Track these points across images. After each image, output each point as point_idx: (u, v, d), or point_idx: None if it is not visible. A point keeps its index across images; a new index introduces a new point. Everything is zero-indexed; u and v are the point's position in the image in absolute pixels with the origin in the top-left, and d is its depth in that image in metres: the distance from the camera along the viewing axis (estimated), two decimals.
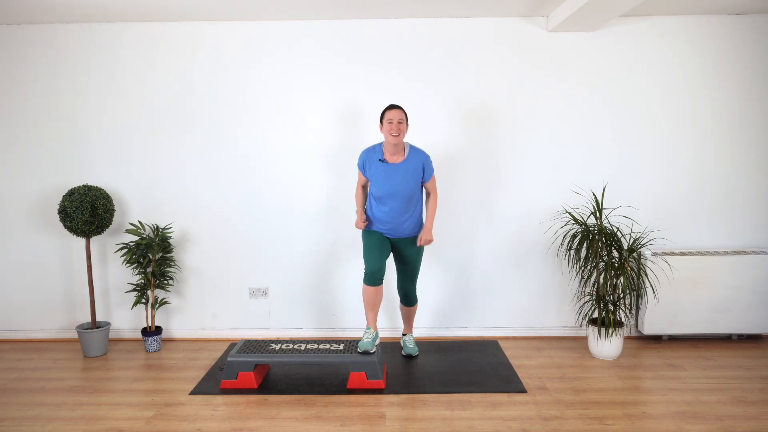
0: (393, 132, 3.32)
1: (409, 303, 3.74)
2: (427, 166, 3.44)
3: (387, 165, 3.40)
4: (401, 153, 3.42)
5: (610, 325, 3.68)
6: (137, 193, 4.19)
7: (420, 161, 3.42)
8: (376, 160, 3.43)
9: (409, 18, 4.01)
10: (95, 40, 4.07)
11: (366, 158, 3.48)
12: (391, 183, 3.39)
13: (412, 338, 3.84)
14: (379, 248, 3.46)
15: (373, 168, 3.44)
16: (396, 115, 3.33)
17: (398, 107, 3.38)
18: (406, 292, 3.69)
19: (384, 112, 3.38)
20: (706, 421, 2.88)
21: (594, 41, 4.02)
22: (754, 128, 4.06)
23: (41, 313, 4.29)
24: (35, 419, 3.00)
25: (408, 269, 3.62)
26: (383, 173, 3.40)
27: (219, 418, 2.97)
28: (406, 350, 3.79)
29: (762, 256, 3.95)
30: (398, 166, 3.40)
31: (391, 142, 3.35)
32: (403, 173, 3.39)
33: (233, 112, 4.12)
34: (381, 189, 3.41)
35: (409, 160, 3.41)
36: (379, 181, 3.41)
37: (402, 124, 3.34)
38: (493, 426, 2.85)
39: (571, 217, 3.84)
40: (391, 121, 3.32)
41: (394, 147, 3.38)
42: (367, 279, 3.43)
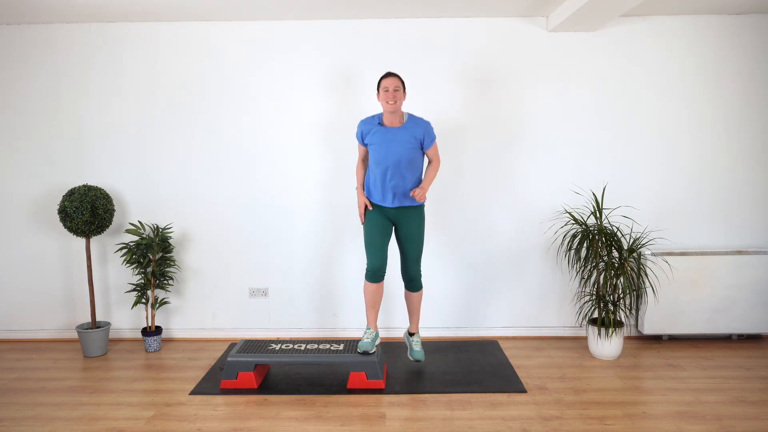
0: (389, 100, 3.28)
1: (414, 287, 3.54)
2: (427, 133, 3.37)
3: (386, 129, 3.36)
4: (399, 120, 3.38)
5: (610, 325, 3.68)
6: (137, 193, 4.19)
7: (419, 128, 3.36)
8: (375, 125, 3.39)
9: (409, 18, 4.01)
10: (95, 40, 4.07)
11: (364, 126, 3.43)
12: (389, 146, 3.33)
13: (419, 340, 3.61)
14: (381, 238, 3.41)
15: (372, 133, 3.39)
16: (392, 83, 3.29)
17: (394, 75, 3.33)
18: (411, 276, 3.53)
19: (380, 80, 3.34)
20: (706, 421, 2.88)
21: (594, 41, 4.02)
22: (754, 128, 4.06)
23: (41, 313, 4.29)
24: (35, 419, 3.00)
25: (412, 247, 3.47)
26: (382, 137, 3.35)
27: (219, 418, 2.97)
28: (412, 354, 3.55)
29: (762, 256, 3.95)
30: (397, 131, 3.35)
31: (387, 110, 3.31)
32: (402, 137, 3.33)
33: (233, 112, 4.12)
34: (380, 152, 3.34)
35: (406, 126, 3.36)
36: (378, 145, 3.35)
37: (398, 91, 3.29)
38: (493, 426, 2.85)
39: (571, 217, 3.84)
40: (387, 89, 3.28)
41: (391, 115, 3.34)
42: (369, 275, 3.41)
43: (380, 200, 3.41)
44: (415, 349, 3.57)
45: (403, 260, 3.52)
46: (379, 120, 3.39)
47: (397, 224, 3.48)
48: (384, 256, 3.41)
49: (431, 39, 4.03)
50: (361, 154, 3.54)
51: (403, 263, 3.53)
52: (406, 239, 3.47)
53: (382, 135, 3.35)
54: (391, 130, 3.35)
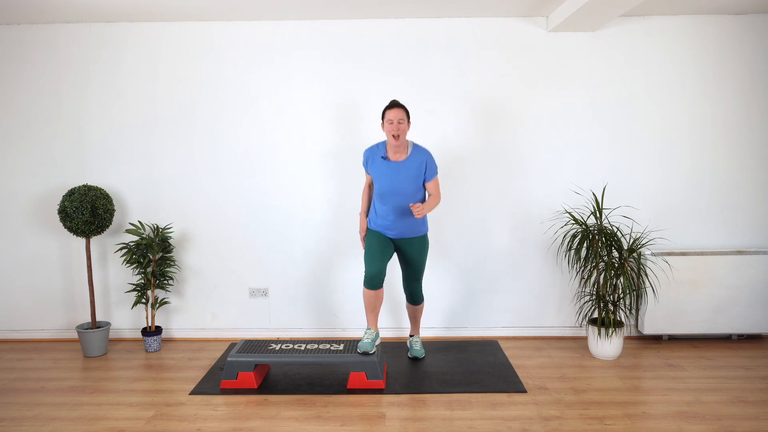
0: (393, 132, 3.30)
1: (415, 301, 3.70)
2: (429, 165, 3.39)
3: (389, 163, 3.39)
4: (404, 151, 3.40)
5: (610, 325, 3.68)
6: (137, 193, 4.19)
7: (422, 160, 3.38)
8: (378, 157, 3.41)
9: (409, 18, 4.01)
10: (95, 40, 4.07)
11: (369, 156, 3.47)
12: (392, 181, 3.37)
13: (419, 340, 3.79)
14: (381, 251, 3.42)
15: (375, 165, 3.43)
16: (396, 114, 3.30)
17: (399, 105, 3.34)
18: (411, 291, 3.66)
19: (385, 110, 3.36)
20: (706, 421, 2.88)
21: (594, 41, 4.02)
22: (754, 128, 4.06)
23: (41, 313, 4.29)
24: (35, 419, 3.00)
25: (412, 269, 3.59)
26: (385, 171, 3.39)
27: (219, 418, 2.97)
28: (412, 352, 3.74)
29: (762, 256, 3.95)
30: (400, 164, 3.37)
31: (392, 143, 3.35)
32: (405, 172, 3.37)
33: (233, 112, 4.12)
34: (383, 186, 3.40)
35: (411, 159, 3.38)
36: (381, 178, 3.40)
37: (402, 123, 3.31)
38: (493, 426, 2.85)
39: (571, 217, 3.84)
40: (391, 121, 3.30)
41: (396, 147, 3.37)
42: (367, 283, 3.40)
43: (383, 230, 3.50)
44: (414, 348, 3.74)
45: (405, 277, 3.65)
46: (383, 153, 3.41)
47: (399, 249, 3.57)
48: (382, 265, 3.40)
49: (431, 39, 4.03)
50: (368, 180, 3.61)
51: (405, 281, 3.66)
52: (409, 263, 3.59)
53: (386, 169, 3.39)
54: (395, 165, 3.38)
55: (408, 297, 3.70)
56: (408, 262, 3.58)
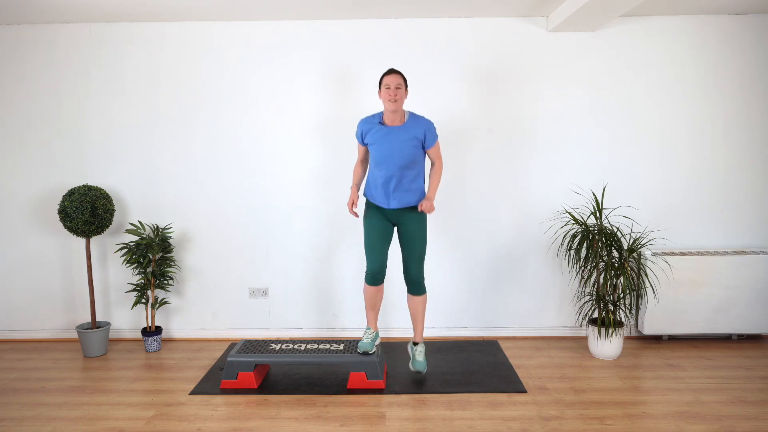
0: (390, 98, 3.24)
1: (417, 291, 3.44)
2: (428, 132, 3.32)
3: (387, 128, 3.32)
4: (401, 119, 3.34)
5: (610, 325, 3.68)
6: (137, 193, 4.19)
7: (421, 126, 3.31)
8: (375, 124, 3.34)
9: (409, 18, 4.01)
10: (95, 40, 4.07)
11: (363, 125, 3.39)
12: (390, 146, 3.29)
13: (423, 350, 3.47)
14: (381, 242, 3.38)
15: (372, 132, 3.35)
16: (394, 80, 3.25)
17: (396, 72, 3.29)
18: (413, 278, 3.45)
19: (382, 77, 3.30)
20: (706, 421, 2.88)
21: (594, 41, 4.02)
22: (754, 128, 4.06)
23: (41, 313, 4.29)
24: (35, 419, 3.00)
25: (413, 249, 3.40)
26: (382, 136, 3.31)
27: (219, 418, 2.97)
28: (414, 365, 3.42)
29: (762, 256, 3.95)
30: (398, 129, 3.31)
31: (389, 108, 3.27)
32: (403, 136, 3.29)
33: (233, 112, 4.12)
34: (380, 152, 3.30)
35: (408, 124, 3.32)
36: (378, 144, 3.31)
37: (400, 89, 3.25)
38: (493, 426, 2.85)
39: (571, 217, 3.84)
40: (388, 87, 3.24)
41: (393, 113, 3.30)
42: (369, 279, 3.39)
43: (381, 201, 3.37)
44: (417, 359, 3.44)
45: (405, 262, 3.44)
46: (379, 119, 3.35)
47: (398, 225, 3.43)
48: (383, 259, 3.38)
49: (431, 39, 4.03)
50: (361, 154, 3.50)
51: (405, 265, 3.45)
52: (408, 240, 3.40)
53: (383, 134, 3.31)
54: (392, 130, 3.30)
55: (409, 287, 3.48)
56: (408, 239, 3.40)
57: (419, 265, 3.42)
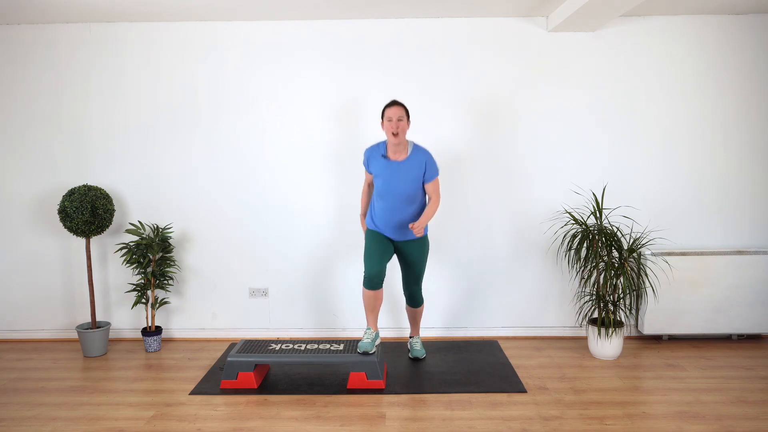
0: (392, 130, 3.29)
1: (414, 304, 3.69)
2: (429, 166, 3.37)
3: (389, 162, 3.37)
4: (404, 151, 3.39)
5: (610, 325, 3.68)
6: (137, 193, 4.19)
7: (422, 160, 3.36)
8: (379, 156, 3.40)
9: (409, 18, 4.01)
10: (95, 40, 4.07)
11: (369, 155, 3.46)
12: (392, 181, 3.35)
13: (419, 341, 3.79)
14: (380, 251, 3.41)
15: (375, 164, 3.42)
16: (395, 112, 3.29)
17: (398, 104, 3.33)
18: (411, 294, 3.65)
19: (384, 109, 3.35)
20: (706, 421, 2.88)
21: (594, 41, 4.02)
22: (754, 128, 4.06)
23: (41, 313, 4.29)
24: (35, 419, 3.00)
25: (412, 272, 3.58)
26: (385, 170, 3.37)
27: (219, 418, 2.97)
28: (413, 353, 3.74)
29: (762, 256, 3.95)
30: (400, 164, 3.36)
31: (391, 141, 3.34)
32: (405, 172, 3.35)
33: (234, 112, 4.12)
34: (382, 186, 3.38)
35: (411, 159, 3.36)
36: (380, 177, 3.38)
37: (402, 121, 3.30)
38: (493, 426, 2.85)
39: (571, 217, 3.84)
40: (390, 119, 3.29)
41: (395, 146, 3.36)
42: (367, 283, 3.40)
43: (383, 231, 3.49)
44: (415, 348, 3.74)
45: (405, 279, 3.64)
46: (383, 151, 3.41)
47: (399, 250, 3.56)
48: (382, 265, 3.40)
49: (431, 39, 4.03)
50: (368, 180, 3.61)
51: (404, 282, 3.66)
52: (409, 264, 3.58)
53: (386, 168, 3.37)
54: (395, 165, 3.36)
55: (407, 300, 3.70)
56: (407, 264, 3.56)
57: (417, 285, 3.64)
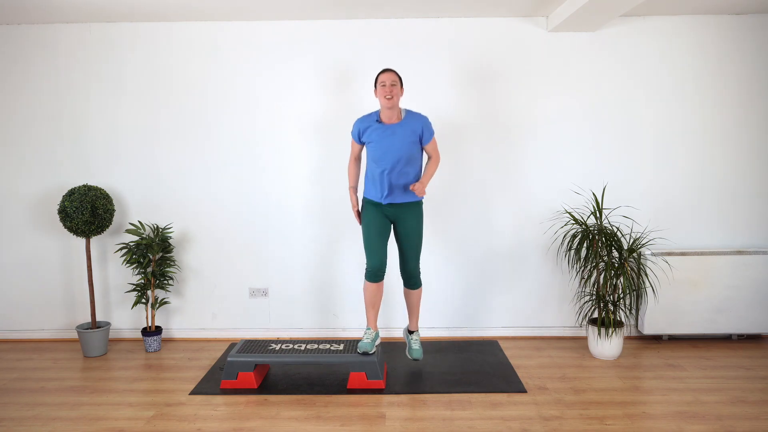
0: (386, 95, 3.27)
1: (413, 285, 3.51)
2: (425, 128, 3.36)
3: (384, 126, 3.35)
4: (397, 116, 3.37)
5: (610, 325, 3.68)
6: (137, 193, 4.19)
7: (418, 123, 3.35)
8: (372, 122, 3.38)
9: (409, 18, 4.01)
10: (95, 40, 4.07)
11: (360, 124, 3.42)
12: (387, 143, 3.32)
13: (418, 339, 3.61)
14: (379, 238, 3.39)
15: (370, 130, 3.38)
16: (389, 77, 3.28)
17: (391, 70, 3.33)
18: (409, 273, 3.50)
19: (377, 75, 3.34)
20: (706, 421, 2.88)
21: (594, 41, 4.02)
22: (754, 128, 4.06)
23: (41, 313, 4.29)
24: (35, 419, 3.00)
25: (410, 245, 3.45)
26: (381, 134, 3.34)
27: (219, 418, 2.97)
28: (411, 353, 3.55)
29: (762, 256, 3.95)
30: (395, 127, 3.34)
31: (385, 105, 3.30)
32: (400, 134, 3.32)
33: (233, 112, 4.12)
34: (378, 150, 3.33)
35: (405, 122, 3.35)
36: (375, 142, 3.35)
37: (395, 86, 3.29)
38: (493, 426, 2.85)
39: (571, 217, 3.84)
40: (384, 84, 3.28)
41: (389, 110, 3.33)
42: (369, 275, 3.39)
43: (379, 197, 3.40)
44: (413, 348, 3.57)
45: (402, 257, 3.50)
46: (376, 117, 3.39)
47: (395, 222, 3.47)
48: (383, 255, 3.40)
49: (431, 39, 4.03)
50: (355, 152, 3.53)
51: (401, 260, 3.51)
52: (405, 237, 3.46)
53: (381, 132, 3.34)
54: (390, 127, 3.34)
55: (405, 281, 3.55)
56: (405, 236, 3.44)
57: (416, 260, 3.50)
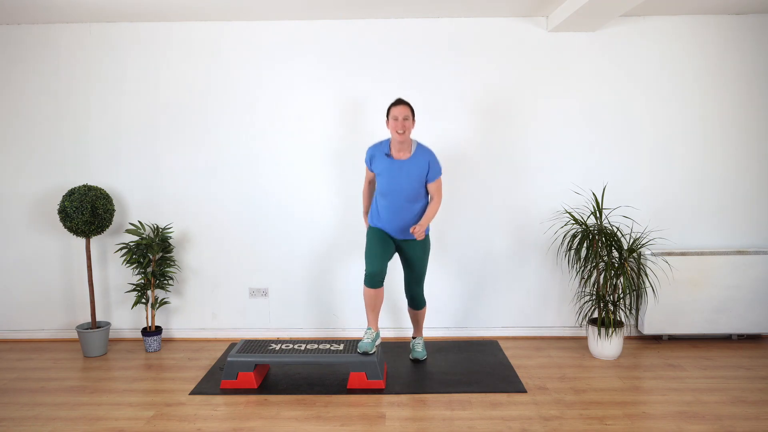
0: (398, 129, 3.28)
1: (416, 306, 3.67)
2: (432, 165, 3.37)
3: (393, 161, 3.37)
4: (407, 150, 3.39)
5: (610, 325, 3.68)
6: (137, 193, 4.19)
7: (426, 160, 3.37)
8: (382, 154, 3.40)
9: (410, 18, 4.01)
10: (95, 40, 4.07)
11: (373, 153, 3.45)
12: (395, 179, 3.35)
13: (421, 342, 3.74)
14: (382, 249, 3.41)
15: (379, 163, 3.41)
16: (401, 112, 3.29)
17: (404, 103, 3.33)
18: (413, 295, 3.63)
19: (390, 108, 3.35)
20: (706, 421, 2.88)
21: (594, 41, 4.02)
22: (754, 128, 4.06)
23: (41, 313, 4.29)
24: (35, 419, 3.00)
25: (414, 272, 3.56)
26: (388, 169, 3.37)
27: (219, 418, 2.97)
28: (414, 354, 3.70)
29: (762, 256, 3.95)
30: (403, 163, 3.36)
31: (396, 139, 3.33)
32: (408, 171, 3.35)
33: (233, 112, 4.12)
34: (385, 184, 3.38)
35: (414, 158, 3.37)
36: (383, 176, 3.38)
37: (407, 120, 3.30)
38: (493, 426, 2.85)
39: (571, 217, 3.84)
40: (396, 118, 3.29)
41: (400, 144, 3.36)
42: (368, 281, 3.39)
43: (385, 228, 3.49)
44: (416, 349, 3.71)
45: (407, 280, 3.62)
46: (386, 150, 3.41)
47: (400, 249, 3.56)
48: (383, 264, 3.39)
49: (432, 38, 4.03)
50: (368, 177, 3.59)
51: (406, 283, 3.64)
52: (410, 263, 3.56)
53: (389, 166, 3.38)
54: (399, 164, 3.36)
55: (409, 301, 3.68)
56: (409, 263, 3.55)
57: (419, 285, 3.62)
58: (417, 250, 3.52)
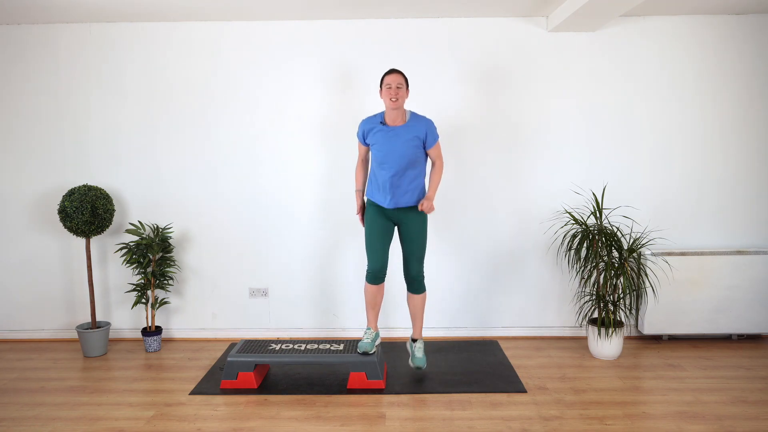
0: (392, 97, 3.25)
1: (416, 289, 3.47)
2: (429, 132, 3.33)
3: (387, 128, 3.33)
4: (402, 118, 3.35)
5: (610, 325, 3.68)
6: (137, 193, 4.19)
7: (422, 126, 3.33)
8: (377, 124, 3.36)
9: (410, 18, 4.01)
10: (95, 40, 4.07)
11: (365, 125, 3.40)
12: (392, 146, 3.30)
13: (422, 346, 3.51)
14: (382, 242, 3.38)
15: (374, 132, 3.36)
16: (394, 79, 3.26)
17: (397, 71, 3.30)
18: (412, 276, 3.46)
19: (383, 77, 3.32)
20: (706, 421, 2.88)
21: (594, 41, 4.02)
22: (754, 128, 4.06)
23: (41, 313, 4.29)
24: (35, 419, 3.00)
25: (413, 247, 3.42)
26: (384, 136, 3.32)
27: (219, 418, 2.97)
28: (414, 361, 3.45)
29: (762, 256, 3.95)
30: (398, 130, 3.32)
31: (390, 107, 3.28)
32: (404, 136, 3.30)
33: (233, 112, 4.12)
34: (381, 152, 3.32)
35: (409, 124, 3.33)
36: (379, 144, 3.33)
37: (401, 89, 3.27)
38: (493, 426, 2.85)
39: (571, 217, 3.84)
40: (389, 86, 3.26)
41: (394, 112, 3.31)
42: (369, 277, 3.39)
43: (382, 201, 3.38)
44: (416, 356, 3.47)
45: (405, 260, 3.46)
46: (381, 119, 3.37)
47: (399, 224, 3.44)
48: (384, 258, 3.38)
49: (432, 39, 4.03)
50: (362, 154, 3.51)
51: (405, 263, 3.47)
52: (409, 239, 3.42)
53: (384, 134, 3.32)
54: (394, 130, 3.32)
55: (408, 285, 3.50)
56: (409, 238, 3.42)
57: (419, 264, 3.45)
58: (415, 223, 3.40)
